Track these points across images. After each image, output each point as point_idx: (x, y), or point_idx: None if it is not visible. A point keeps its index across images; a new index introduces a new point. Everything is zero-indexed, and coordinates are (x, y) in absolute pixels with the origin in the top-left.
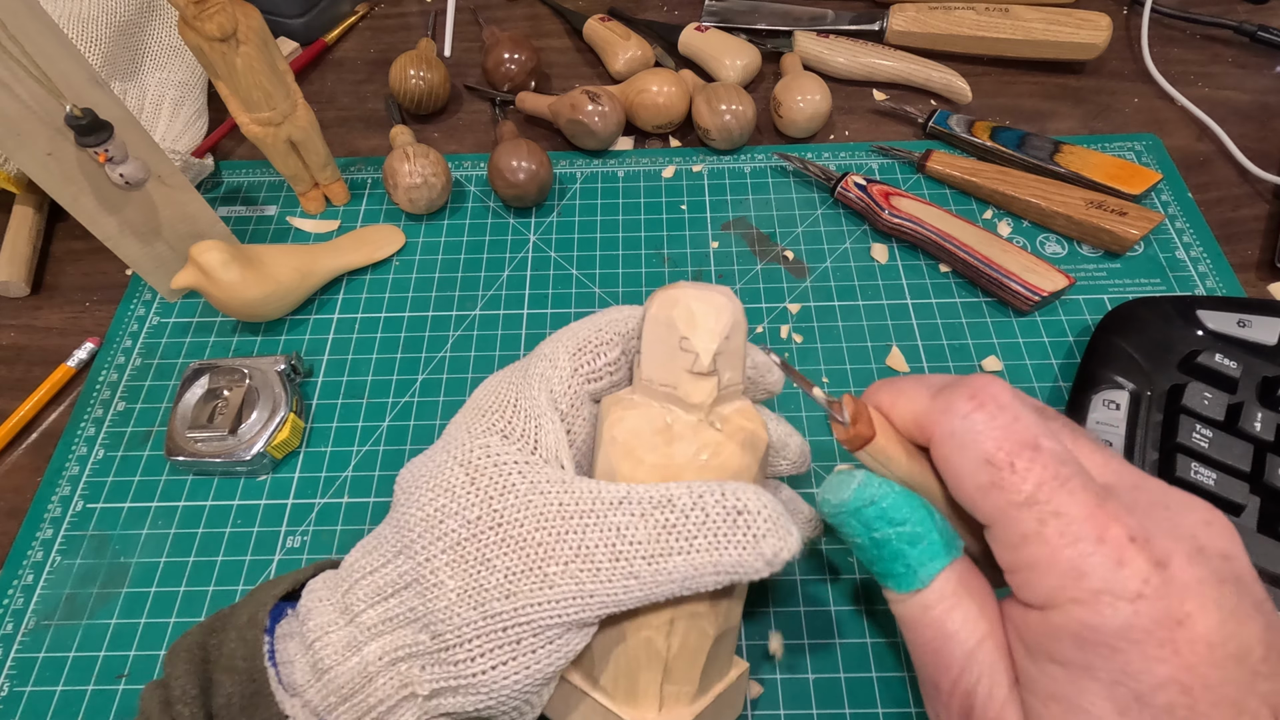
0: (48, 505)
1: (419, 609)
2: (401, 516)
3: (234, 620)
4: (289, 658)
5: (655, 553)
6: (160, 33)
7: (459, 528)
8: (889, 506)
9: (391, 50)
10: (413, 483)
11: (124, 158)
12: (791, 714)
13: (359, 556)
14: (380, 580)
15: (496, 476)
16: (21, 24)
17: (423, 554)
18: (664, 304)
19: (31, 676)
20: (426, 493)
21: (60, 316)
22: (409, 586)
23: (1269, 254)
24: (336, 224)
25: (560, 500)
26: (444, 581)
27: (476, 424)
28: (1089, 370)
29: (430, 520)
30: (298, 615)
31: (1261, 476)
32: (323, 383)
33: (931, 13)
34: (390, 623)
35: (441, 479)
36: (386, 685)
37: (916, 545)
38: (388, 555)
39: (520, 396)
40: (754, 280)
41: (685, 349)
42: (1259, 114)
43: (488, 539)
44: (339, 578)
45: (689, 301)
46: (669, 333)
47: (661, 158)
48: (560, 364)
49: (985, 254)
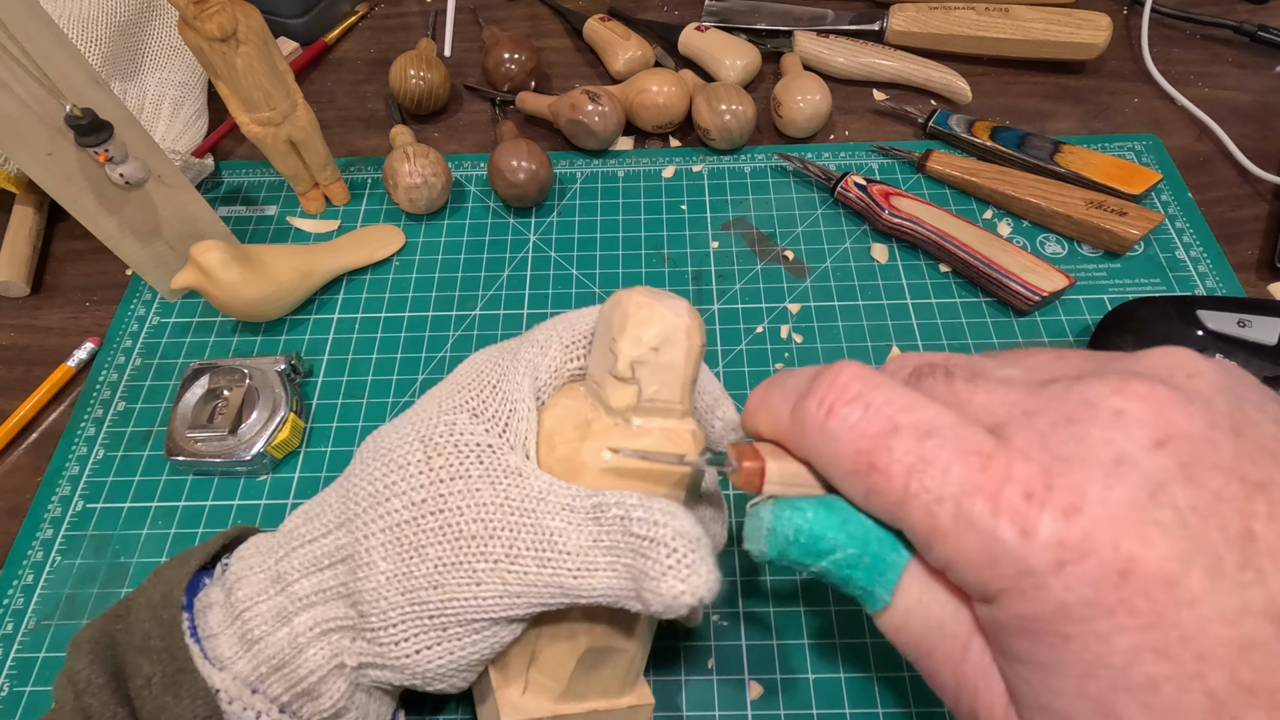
0: (48, 505)
1: (349, 585)
2: (351, 486)
3: (143, 601)
4: (211, 630)
5: (581, 566)
6: (160, 33)
7: (401, 509)
8: (808, 541)
9: (391, 50)
10: (372, 453)
11: (124, 158)
12: (791, 714)
13: (300, 523)
14: (317, 550)
15: (453, 458)
16: (21, 24)
17: (361, 530)
18: (610, 304)
19: (31, 676)
20: (380, 466)
21: (60, 316)
22: (343, 561)
23: (1269, 254)
24: (336, 224)
25: (507, 494)
26: (376, 562)
27: (449, 399)
28: None
29: (377, 496)
30: (224, 584)
31: None
32: (323, 383)
33: (931, 13)
34: (322, 594)
35: (398, 453)
36: (317, 656)
37: (858, 567)
38: (329, 525)
39: (502, 379)
40: (754, 280)
41: (611, 350)
42: (1259, 114)
43: (426, 524)
44: (275, 543)
45: (629, 305)
46: (605, 331)
47: (661, 158)
48: (551, 353)
49: (985, 254)
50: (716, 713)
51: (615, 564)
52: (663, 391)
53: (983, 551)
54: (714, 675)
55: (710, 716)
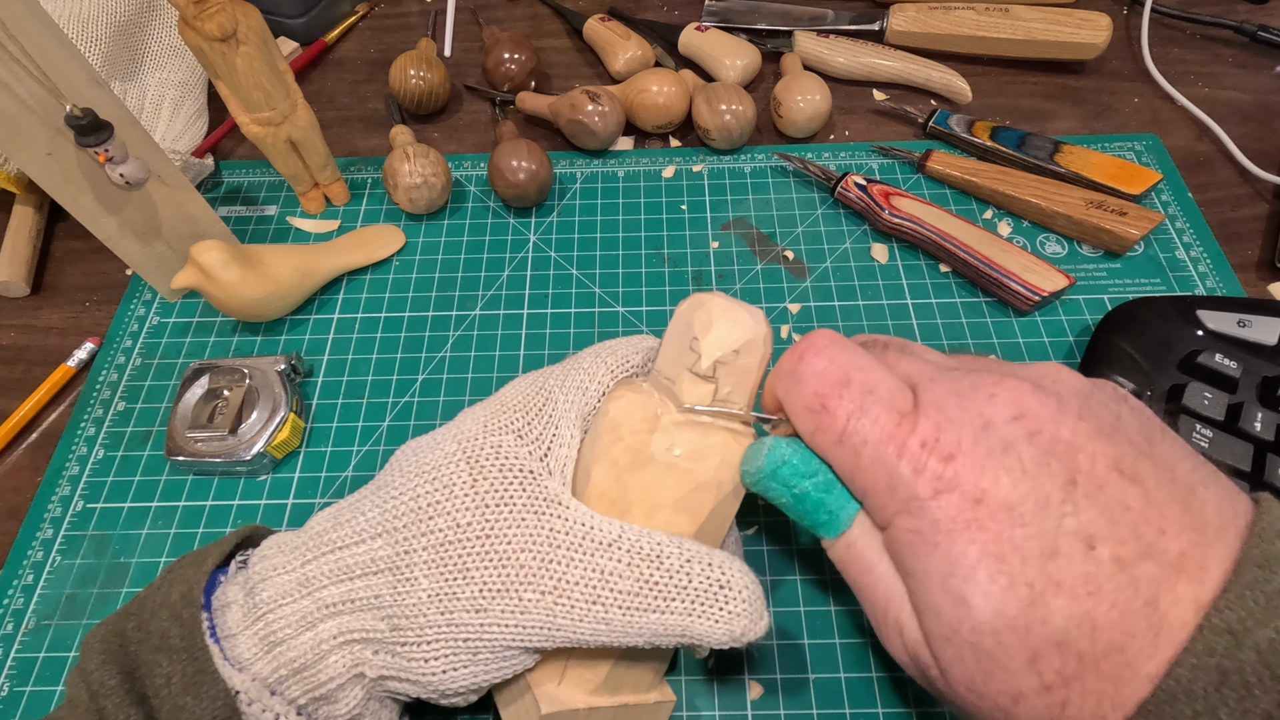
0: (48, 505)
1: (385, 599)
2: (391, 498)
3: (159, 600)
4: (230, 630)
5: (632, 605)
6: (160, 33)
7: (447, 529)
8: (799, 462)
9: (391, 50)
10: (414, 466)
11: (124, 158)
12: (791, 714)
13: (328, 526)
14: (350, 559)
15: (499, 483)
16: (21, 24)
17: (404, 545)
18: (691, 305)
19: (31, 676)
20: (424, 482)
21: (60, 316)
22: (381, 573)
23: (1269, 254)
24: (336, 224)
25: (553, 526)
26: (418, 579)
27: (495, 419)
28: (1089, 370)
29: (421, 512)
30: (244, 583)
31: (1261, 476)
32: (323, 383)
33: (931, 13)
34: (351, 604)
35: (443, 471)
36: (338, 663)
37: (831, 491)
38: (364, 534)
39: (547, 403)
40: (754, 280)
41: (692, 349)
42: (1259, 114)
43: (472, 548)
44: (301, 544)
45: (712, 307)
46: (685, 330)
47: (661, 158)
48: (599, 378)
49: (985, 254)
50: (716, 713)
51: (668, 605)
52: (734, 394)
53: (886, 483)
54: (714, 675)
55: (710, 716)
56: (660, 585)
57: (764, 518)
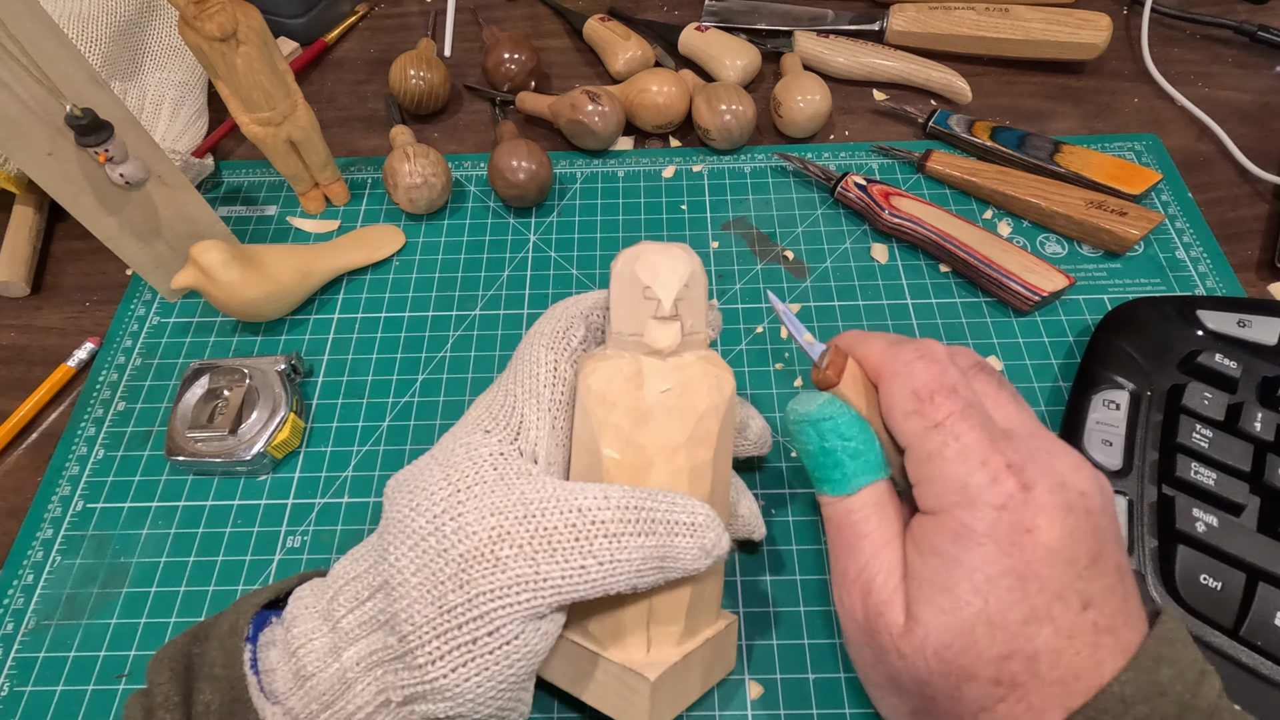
0: (48, 505)
1: (387, 610)
2: (384, 524)
3: (217, 629)
4: (271, 665)
5: (616, 531)
6: (160, 33)
7: (425, 524)
8: (843, 424)
9: (391, 50)
10: (396, 488)
11: (124, 158)
12: (791, 714)
13: (345, 564)
14: (359, 585)
15: (469, 469)
16: (21, 24)
17: (393, 553)
18: (628, 259)
19: (31, 676)
20: (405, 495)
21: (60, 316)
22: (383, 589)
23: (1269, 254)
24: (336, 224)
25: (523, 489)
26: (408, 579)
27: (463, 428)
28: (1089, 370)
29: (403, 520)
30: (283, 623)
31: (1261, 476)
32: (323, 383)
33: (931, 13)
34: (365, 626)
35: (420, 480)
36: (364, 692)
37: (856, 459)
38: (370, 560)
39: (508, 397)
40: (754, 280)
41: (648, 297)
42: (1259, 114)
43: (447, 529)
44: (325, 584)
45: (649, 255)
46: (633, 285)
47: (661, 158)
48: (542, 360)
49: (985, 254)
50: (716, 713)
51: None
52: (695, 324)
53: (961, 479)
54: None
55: (710, 716)
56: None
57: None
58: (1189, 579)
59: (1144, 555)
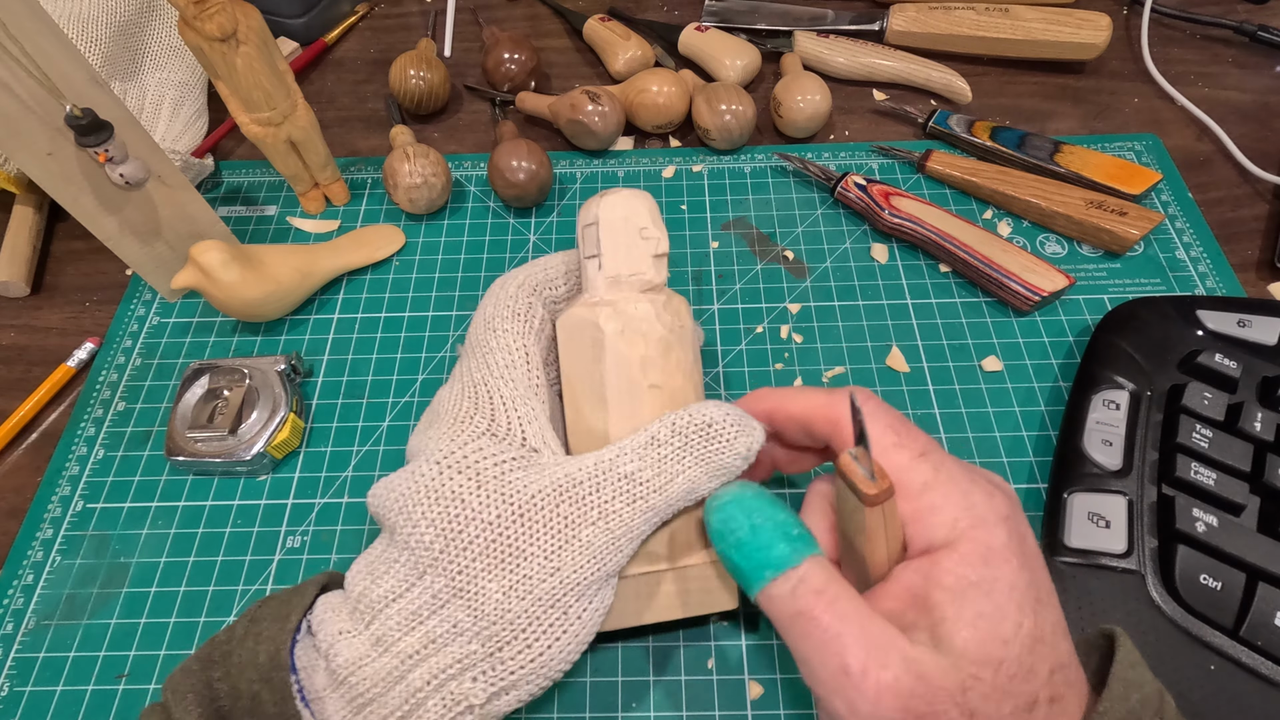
0: (48, 505)
1: (464, 621)
2: (411, 536)
3: (246, 658)
4: (318, 693)
5: (661, 484)
6: (160, 33)
7: (483, 532)
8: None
9: (391, 50)
10: (410, 501)
11: (124, 158)
12: (791, 714)
13: (367, 584)
14: (410, 605)
15: (499, 474)
16: (21, 24)
17: (454, 566)
18: (612, 206)
19: (31, 676)
20: (433, 507)
21: (60, 316)
22: (448, 603)
23: (1269, 254)
24: (336, 224)
25: (566, 473)
26: (485, 586)
27: (460, 430)
28: (1089, 370)
29: (450, 532)
30: (319, 649)
31: (1261, 476)
32: (323, 383)
33: (931, 13)
34: (434, 644)
35: (445, 490)
36: (436, 707)
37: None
38: (407, 579)
39: (493, 392)
40: (754, 280)
41: (645, 237)
42: (1259, 114)
43: (515, 532)
44: (356, 607)
45: (631, 199)
46: (626, 227)
47: (661, 158)
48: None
49: (985, 254)
50: (716, 713)
51: (684, 466)
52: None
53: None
54: (714, 675)
55: (710, 716)
56: (670, 457)
57: None
58: (1189, 579)
59: (1144, 555)
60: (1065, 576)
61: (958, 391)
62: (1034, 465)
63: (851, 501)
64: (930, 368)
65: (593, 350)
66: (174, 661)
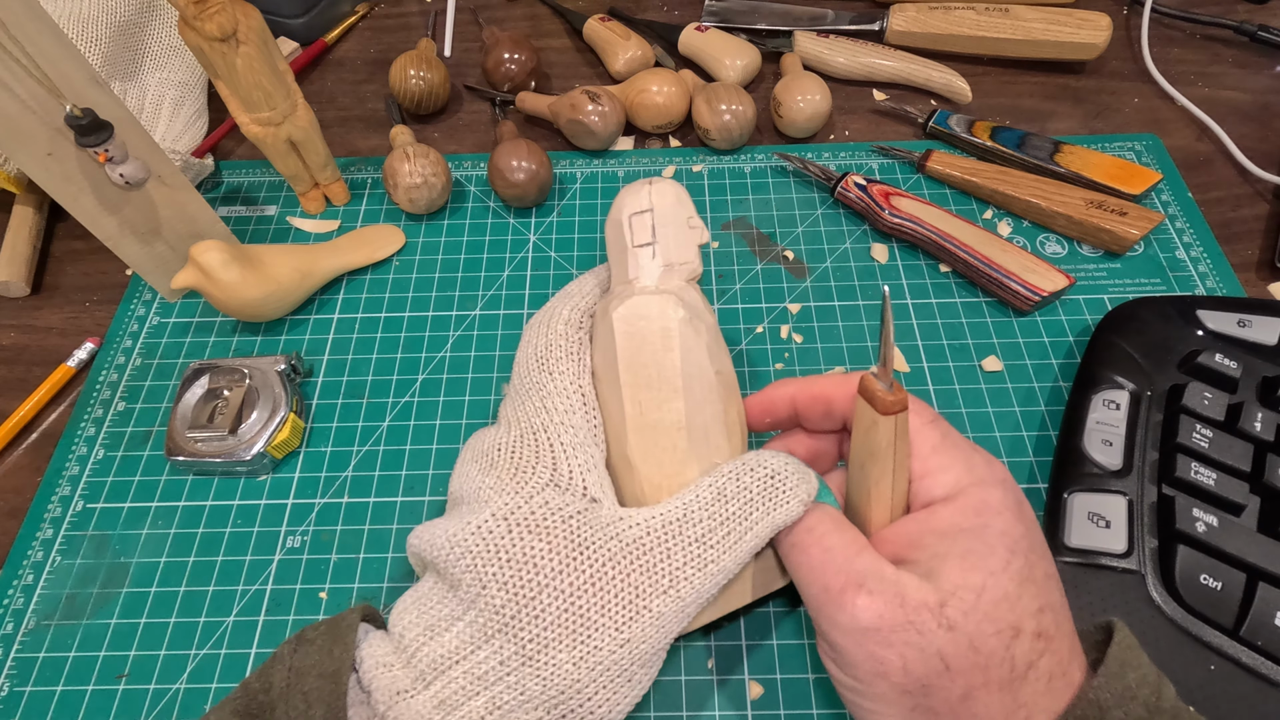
0: (48, 505)
1: (532, 689)
2: (480, 598)
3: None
4: None
5: (731, 544)
6: (160, 33)
7: (555, 600)
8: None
9: (391, 50)
10: (479, 559)
11: (124, 158)
12: (791, 714)
13: (426, 639)
14: (477, 669)
15: (569, 534)
16: (21, 24)
17: (526, 634)
18: (663, 193)
19: (31, 676)
20: (504, 569)
21: (60, 316)
22: (516, 670)
23: (1269, 254)
24: (336, 224)
25: (635, 536)
26: (556, 657)
27: (524, 481)
28: (1089, 370)
29: (523, 599)
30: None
31: (1261, 476)
32: (323, 383)
33: (931, 13)
34: (499, 710)
35: (516, 551)
36: None
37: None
38: (475, 640)
39: (554, 438)
40: (754, 280)
41: (693, 226)
42: (1259, 114)
43: (588, 603)
44: (411, 664)
45: (678, 188)
46: (676, 215)
47: (661, 158)
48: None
49: (985, 254)
50: (716, 713)
51: (751, 523)
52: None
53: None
54: (714, 675)
55: (710, 716)
56: (737, 515)
57: None
58: (1189, 579)
59: (1144, 555)
60: (1065, 576)
61: (958, 391)
62: (1034, 465)
63: (866, 420)
64: (930, 368)
65: (662, 339)
66: (174, 661)
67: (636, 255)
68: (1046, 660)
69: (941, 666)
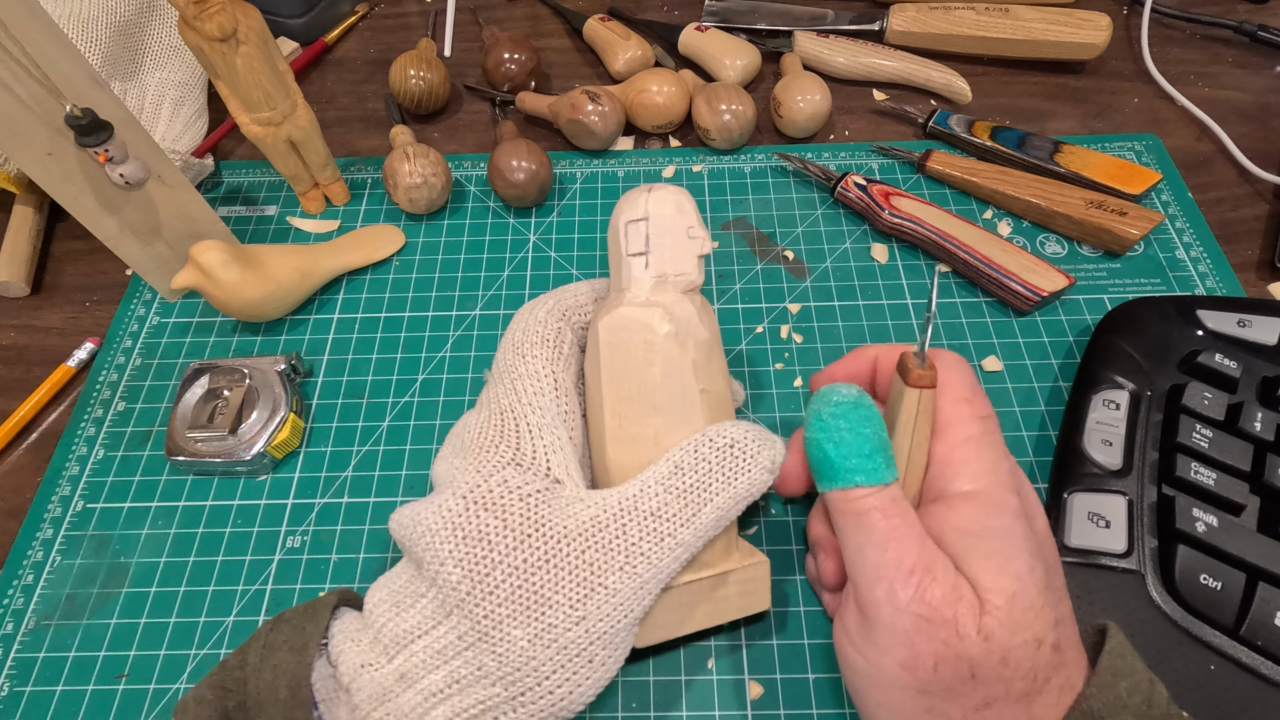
0: (48, 505)
1: (488, 665)
2: (439, 575)
3: (264, 691)
4: None
5: (689, 516)
6: (160, 33)
7: (509, 577)
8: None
9: (391, 50)
10: (437, 538)
11: (124, 158)
12: (791, 714)
13: (393, 615)
14: (436, 643)
15: (525, 512)
16: (21, 24)
17: (480, 610)
18: (661, 201)
19: (31, 676)
20: (459, 546)
21: (60, 316)
22: (473, 645)
23: (1269, 254)
24: (336, 224)
25: (591, 515)
26: (511, 633)
27: (486, 460)
28: (1089, 370)
29: (477, 575)
30: (340, 681)
31: (1261, 476)
32: (323, 383)
33: (931, 13)
34: (458, 684)
35: (472, 528)
36: None
37: (886, 450)
38: (434, 615)
39: (520, 420)
40: (754, 280)
41: (692, 236)
42: (1259, 114)
43: (541, 579)
44: (378, 641)
45: (679, 196)
46: (675, 225)
47: (661, 158)
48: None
49: (985, 254)
50: (716, 713)
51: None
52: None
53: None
54: (714, 675)
55: (710, 716)
56: (695, 485)
57: (763, 516)
58: (1189, 579)
59: (1144, 555)
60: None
61: None
62: (1034, 465)
63: (896, 390)
64: None
65: (644, 353)
66: (174, 661)
67: (629, 265)
68: (1060, 675)
69: (968, 674)
